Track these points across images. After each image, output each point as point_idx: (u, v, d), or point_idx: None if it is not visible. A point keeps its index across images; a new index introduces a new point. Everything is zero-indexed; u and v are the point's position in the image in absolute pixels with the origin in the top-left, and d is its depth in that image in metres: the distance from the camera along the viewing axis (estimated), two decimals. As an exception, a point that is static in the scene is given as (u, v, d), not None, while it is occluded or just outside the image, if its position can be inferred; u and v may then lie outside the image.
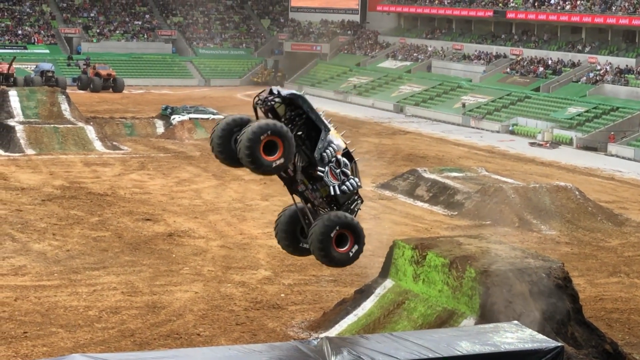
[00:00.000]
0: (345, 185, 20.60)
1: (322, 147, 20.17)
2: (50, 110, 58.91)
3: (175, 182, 46.97)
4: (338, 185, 20.42)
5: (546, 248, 35.41)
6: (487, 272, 22.96)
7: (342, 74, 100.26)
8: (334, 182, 20.39)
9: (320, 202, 20.67)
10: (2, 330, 24.78)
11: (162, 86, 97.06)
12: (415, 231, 37.75)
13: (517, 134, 72.03)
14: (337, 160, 20.39)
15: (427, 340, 17.27)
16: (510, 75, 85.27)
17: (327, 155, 20.21)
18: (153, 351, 18.48)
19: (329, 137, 20.29)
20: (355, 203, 21.25)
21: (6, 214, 38.05)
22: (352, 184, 20.71)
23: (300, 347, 16.80)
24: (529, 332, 18.25)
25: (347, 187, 20.65)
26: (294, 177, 20.42)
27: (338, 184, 20.44)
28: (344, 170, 20.49)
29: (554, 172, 54.61)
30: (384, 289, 25.74)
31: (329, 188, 20.31)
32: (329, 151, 20.23)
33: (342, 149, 20.50)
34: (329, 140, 20.31)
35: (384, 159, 56.11)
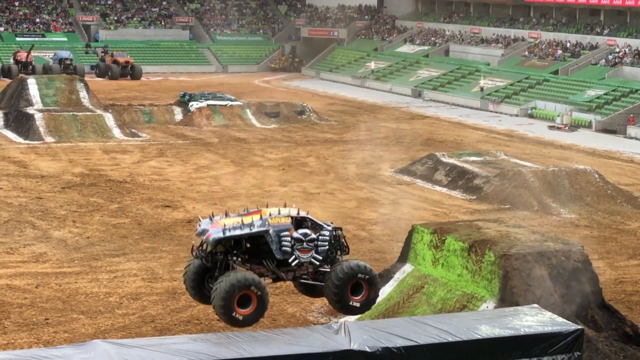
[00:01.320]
0: (319, 249, 20.92)
1: (275, 246, 20.48)
2: (69, 98, 59.10)
3: (193, 168, 47.06)
4: (314, 252, 20.72)
5: (565, 231, 35.33)
6: (507, 255, 22.93)
7: (359, 59, 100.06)
8: (308, 255, 20.75)
9: (311, 272, 20.94)
10: (24, 317, 24.95)
11: (179, 73, 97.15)
12: (434, 216, 37.73)
13: (535, 117, 71.78)
14: (295, 239, 20.67)
15: (447, 324, 17.29)
16: (528, 59, 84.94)
17: (286, 247, 20.53)
18: (174, 336, 18.56)
19: (272, 231, 20.52)
20: (337, 249, 21.49)
21: (26, 202, 38.24)
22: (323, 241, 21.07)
23: (320, 332, 16.84)
24: (548, 316, 18.25)
25: (321, 249, 20.94)
26: (278, 278, 20.78)
27: (314, 252, 20.75)
28: (309, 240, 20.79)
29: (573, 155, 54.43)
30: (403, 274, 25.76)
31: (310, 262, 20.56)
32: (285, 243, 20.56)
33: (290, 226, 20.72)
34: (276, 234, 20.59)
35: (402, 144, 56.04)
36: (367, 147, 54.73)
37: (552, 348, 17.13)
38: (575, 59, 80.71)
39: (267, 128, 61.27)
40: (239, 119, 62.27)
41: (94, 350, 15.30)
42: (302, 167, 48.24)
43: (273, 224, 20.53)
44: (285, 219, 20.72)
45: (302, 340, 16.47)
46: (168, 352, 15.54)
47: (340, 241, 21.43)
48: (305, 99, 75.15)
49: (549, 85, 77.63)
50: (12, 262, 29.94)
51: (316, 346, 16.17)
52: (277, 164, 48.85)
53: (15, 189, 40.67)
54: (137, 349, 15.56)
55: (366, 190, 43.15)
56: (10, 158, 47.68)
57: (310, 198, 40.83)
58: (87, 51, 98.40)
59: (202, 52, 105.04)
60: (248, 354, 15.73)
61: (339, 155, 51.91)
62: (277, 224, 20.59)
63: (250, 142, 55.63)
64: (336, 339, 16.38)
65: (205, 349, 15.72)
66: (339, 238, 21.44)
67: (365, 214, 38.31)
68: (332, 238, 21.11)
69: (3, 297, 26.51)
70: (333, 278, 20.24)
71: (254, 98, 72.72)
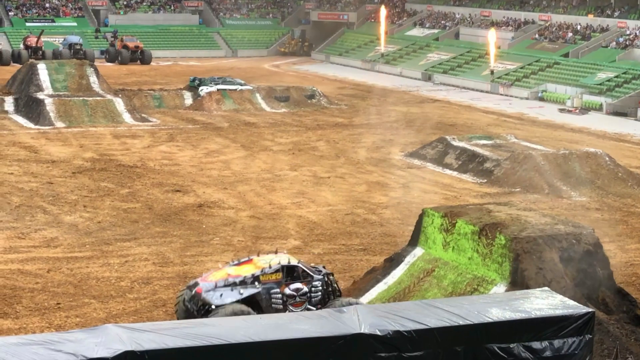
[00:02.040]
0: (312, 300, 21.19)
1: (265, 304, 20.81)
2: (79, 83, 59.15)
3: (204, 153, 47.09)
4: (308, 304, 20.90)
5: (576, 214, 35.28)
6: (517, 239, 22.93)
7: (369, 42, 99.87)
8: (301, 308, 21.08)
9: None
10: (36, 302, 25.03)
11: (189, 57, 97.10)
12: (444, 199, 37.72)
13: (546, 100, 71.63)
14: (288, 295, 20.75)
15: (458, 308, 17.29)
16: (539, 42, 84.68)
17: (277, 304, 20.78)
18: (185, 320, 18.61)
19: (262, 290, 20.64)
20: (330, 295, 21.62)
21: (37, 187, 38.32)
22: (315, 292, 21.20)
23: (331, 316, 16.86)
24: (559, 299, 18.24)
25: (315, 300, 21.27)
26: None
27: (307, 304, 20.90)
28: (301, 294, 20.89)
29: (583, 138, 54.32)
30: (414, 257, 25.76)
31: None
32: (275, 301, 20.70)
33: (281, 282, 20.81)
34: (267, 292, 20.69)
35: (413, 128, 55.98)
36: (377, 131, 54.69)
37: (563, 331, 17.13)
38: (586, 41, 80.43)
39: (277, 112, 61.25)
40: (249, 104, 62.25)
41: (105, 334, 15.35)
42: (312, 151, 48.24)
43: (264, 282, 20.71)
44: (276, 275, 20.84)
45: (312, 324, 16.50)
46: (179, 336, 15.58)
47: (332, 286, 21.58)
48: (315, 82, 75.09)
49: (560, 68, 77.42)
50: (24, 247, 30.03)
51: (327, 330, 16.20)
52: (287, 148, 48.84)
53: (26, 174, 40.76)
54: (149, 333, 15.60)
55: (376, 174, 43.13)
56: (21, 143, 47.76)
57: (320, 182, 40.84)
58: (97, 36, 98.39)
59: (211, 36, 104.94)
60: (259, 338, 15.76)
61: (349, 139, 51.88)
62: (268, 281, 20.77)
63: (260, 126, 55.62)
64: (347, 322, 16.40)
65: (216, 332, 15.76)
66: (331, 283, 21.58)
67: (375, 198, 38.31)
68: (324, 284, 21.26)
69: (15, 281, 26.60)
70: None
71: (264, 82, 72.67)
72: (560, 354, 17.07)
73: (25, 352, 14.59)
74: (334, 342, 15.94)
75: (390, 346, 16.15)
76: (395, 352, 16.19)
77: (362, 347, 16.05)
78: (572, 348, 17.16)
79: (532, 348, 16.96)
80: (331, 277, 21.90)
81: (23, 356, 14.48)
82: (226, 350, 15.40)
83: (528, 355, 16.90)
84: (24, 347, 14.81)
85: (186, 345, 15.29)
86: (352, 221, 34.49)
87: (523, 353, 16.89)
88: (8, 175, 40.34)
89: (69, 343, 15.01)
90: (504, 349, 16.81)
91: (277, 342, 15.85)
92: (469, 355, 16.62)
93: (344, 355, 16.01)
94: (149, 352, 14.96)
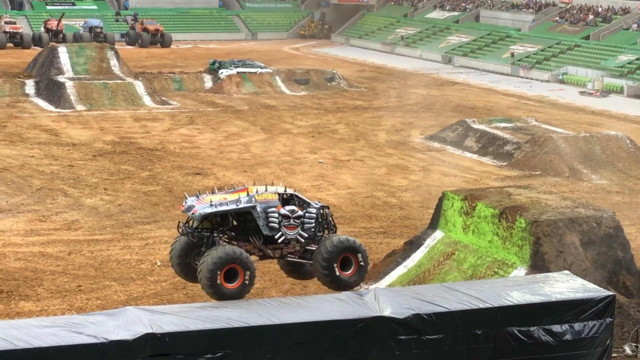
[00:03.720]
0: (305, 226, 20.96)
1: (263, 222, 20.53)
2: (99, 66, 59.28)
3: (224, 136, 47.14)
4: (300, 230, 20.78)
5: (597, 197, 35.18)
6: (538, 222, 22.88)
7: (389, 25, 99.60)
8: (294, 232, 20.83)
9: (298, 250, 21.06)
10: (57, 284, 25.16)
11: (209, 40, 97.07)
12: (464, 182, 37.65)
13: (566, 83, 71.29)
14: (282, 215, 20.70)
15: (478, 291, 17.28)
16: (559, 24, 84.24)
17: (274, 223, 20.57)
18: (205, 303, 18.64)
19: (259, 207, 20.54)
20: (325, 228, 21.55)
21: (58, 170, 38.47)
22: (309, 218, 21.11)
23: (350, 299, 16.88)
24: (580, 282, 18.21)
25: (308, 227, 20.99)
26: (265, 255, 20.92)
27: (300, 229, 20.80)
28: (296, 216, 20.84)
29: (604, 121, 54.08)
30: (434, 240, 25.75)
31: (296, 240, 20.69)
32: (272, 219, 20.59)
33: (277, 203, 20.75)
34: (263, 210, 20.59)
35: (433, 111, 55.87)
36: (397, 114, 54.60)
37: (584, 314, 17.11)
38: (607, 23, 79.97)
39: (297, 95, 61.22)
40: (269, 86, 62.25)
41: (126, 316, 15.42)
42: (332, 134, 48.21)
43: (260, 200, 20.66)
44: (273, 195, 20.83)
45: (332, 306, 16.53)
46: (199, 318, 15.64)
47: (327, 220, 21.54)
48: (334, 65, 74.99)
49: (580, 50, 77.01)
50: (45, 230, 30.17)
51: (347, 313, 16.23)
52: (307, 131, 48.83)
53: (47, 157, 40.92)
54: (169, 315, 15.66)
55: (396, 157, 43.09)
56: (42, 126, 47.92)
57: (340, 165, 40.83)
58: (117, 19, 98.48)
59: (231, 19, 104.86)
60: (278, 320, 15.81)
61: (368, 122, 51.82)
62: (264, 200, 20.72)
63: (280, 109, 55.62)
64: (367, 305, 16.42)
65: (236, 315, 15.81)
66: (327, 217, 21.55)
67: (395, 181, 38.29)
68: (319, 216, 21.23)
69: (36, 264, 26.74)
70: (322, 253, 20.38)
71: (284, 65, 72.62)
72: (580, 337, 17.05)
73: (47, 334, 14.68)
74: (354, 325, 15.98)
75: (410, 329, 16.17)
76: (415, 335, 16.21)
77: (382, 329, 16.08)
78: (592, 331, 17.14)
79: (552, 331, 16.94)
80: (327, 210, 21.91)
81: (44, 338, 14.57)
82: (246, 332, 15.45)
83: (548, 338, 16.89)
84: (45, 329, 14.90)
85: (206, 328, 15.35)
86: (372, 204, 34.48)
87: (543, 336, 16.88)
88: (29, 158, 40.51)
89: (90, 325, 15.09)
90: (524, 332, 16.80)
91: (297, 324, 15.89)
92: (489, 338, 16.62)
93: (364, 338, 16.04)
94: (170, 335, 15.02)
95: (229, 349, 15.31)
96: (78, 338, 14.69)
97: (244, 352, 15.42)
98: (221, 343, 15.30)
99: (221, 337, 15.32)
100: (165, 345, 14.95)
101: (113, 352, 14.65)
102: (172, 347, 15.01)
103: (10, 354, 14.20)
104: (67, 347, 14.51)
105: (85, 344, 14.60)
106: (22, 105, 53.93)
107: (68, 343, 14.56)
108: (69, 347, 14.52)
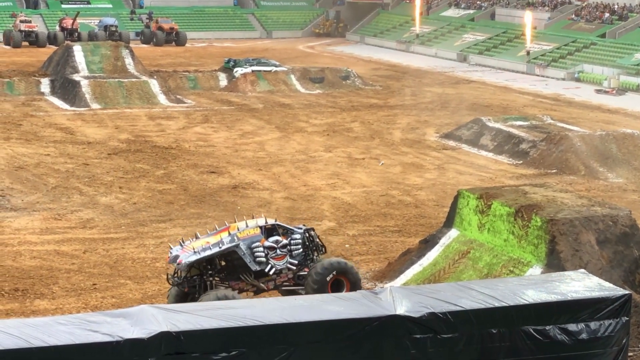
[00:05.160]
0: (293, 253, 21.21)
1: (249, 259, 20.59)
2: (114, 64, 59.41)
3: (238, 134, 47.16)
4: (289, 258, 20.87)
5: (613, 196, 35.05)
6: (554, 220, 22.80)
7: (404, 23, 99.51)
8: (283, 261, 20.92)
9: (292, 278, 21.24)
10: (72, 282, 25.20)
11: (224, 39, 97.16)
12: (479, 180, 37.57)
13: (582, 81, 71.06)
14: (268, 247, 20.77)
15: (493, 289, 17.21)
16: (575, 22, 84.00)
17: (260, 257, 20.67)
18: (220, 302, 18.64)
19: (242, 245, 20.65)
20: (314, 250, 21.62)
21: (73, 168, 38.54)
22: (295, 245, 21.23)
23: (365, 297, 16.85)
24: (596, 281, 18.11)
25: (296, 253, 21.25)
26: (259, 290, 21.25)
27: (289, 258, 20.88)
28: (281, 246, 20.91)
29: (620, 119, 53.88)
30: (449, 239, 25.69)
31: (287, 268, 20.89)
32: (258, 253, 20.68)
33: (260, 237, 20.83)
34: (247, 247, 20.65)
35: (448, 109, 55.78)
36: (412, 112, 54.54)
37: (600, 313, 17.01)
38: (623, 21, 79.70)
39: (312, 93, 61.21)
40: (284, 85, 62.27)
41: (141, 315, 15.41)
42: (347, 132, 48.18)
43: (242, 238, 20.77)
44: (254, 230, 20.94)
45: (347, 305, 16.48)
46: (214, 317, 15.62)
47: (314, 241, 21.55)
48: (349, 64, 74.95)
49: (596, 48, 76.78)
50: (60, 228, 30.23)
51: (361, 311, 16.18)
52: (322, 129, 48.81)
53: (62, 155, 41.01)
54: (184, 314, 15.65)
55: (411, 155, 43.02)
56: (57, 125, 48.04)
57: (355, 163, 40.80)
58: (132, 18, 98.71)
59: (246, 17, 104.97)
60: (293, 319, 15.77)
61: (383, 121, 51.76)
62: (247, 237, 20.82)
63: (295, 107, 55.61)
64: (381, 304, 16.37)
65: (251, 313, 15.78)
66: (313, 239, 21.55)
67: (410, 179, 38.23)
68: (305, 240, 21.26)
69: (51, 262, 26.79)
70: (311, 278, 20.44)
71: (299, 63, 72.61)
72: (596, 336, 16.96)
73: (62, 333, 14.69)
74: (369, 324, 15.93)
75: (425, 328, 16.11)
76: (430, 334, 16.15)
77: (397, 328, 16.02)
78: (608, 330, 17.04)
79: (568, 330, 16.86)
80: (312, 232, 21.90)
81: (60, 336, 14.57)
82: (261, 331, 15.42)
83: (564, 337, 16.80)
84: (61, 327, 14.90)
85: (221, 326, 15.33)
86: (387, 202, 34.44)
87: (559, 335, 16.80)
88: (44, 156, 40.60)
89: (105, 324, 15.08)
90: (540, 331, 16.72)
91: (312, 323, 15.85)
92: (505, 337, 16.56)
93: (379, 337, 15.99)
94: (185, 333, 15.01)
95: (243, 347, 15.28)
96: (93, 336, 14.68)
97: (258, 351, 15.39)
98: (236, 341, 15.27)
99: (236, 335, 15.29)
100: (181, 343, 14.93)
101: (128, 350, 14.64)
102: (187, 346, 14.99)
103: (26, 352, 14.21)
104: (82, 346, 14.50)
105: (100, 342, 14.59)
106: (38, 104, 54.08)
107: (83, 341, 14.55)
108: (84, 346, 14.51)
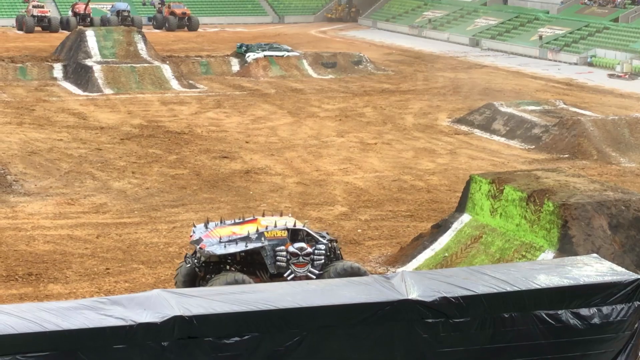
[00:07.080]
0: (315, 262, 21.20)
1: (270, 261, 20.52)
2: (127, 49, 59.46)
3: (251, 119, 47.17)
4: (310, 267, 20.86)
5: (625, 180, 35.00)
6: (566, 205, 22.80)
7: (416, 8, 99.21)
8: (304, 269, 20.92)
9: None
10: (85, 267, 25.30)
11: (236, 24, 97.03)
12: (492, 165, 37.54)
13: (595, 65, 70.82)
14: (291, 253, 20.69)
15: (505, 274, 17.23)
16: (588, 6, 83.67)
17: (281, 262, 20.56)
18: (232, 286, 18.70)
19: (267, 247, 20.55)
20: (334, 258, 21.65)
21: (86, 153, 38.64)
22: (319, 255, 21.20)
23: (377, 282, 16.88)
24: (608, 265, 18.12)
25: (317, 263, 21.23)
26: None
27: (310, 267, 20.85)
28: (305, 254, 20.86)
29: (633, 103, 53.71)
30: (461, 224, 25.71)
31: (306, 276, 20.96)
32: (280, 258, 20.58)
33: (286, 241, 20.73)
34: (272, 249, 20.59)
35: (460, 94, 55.68)
36: (424, 97, 54.47)
37: (612, 297, 17.03)
38: (636, 5, 79.34)
39: (324, 78, 61.16)
40: (296, 70, 62.22)
41: (154, 299, 15.48)
42: (359, 117, 48.15)
43: (269, 238, 20.70)
44: (282, 232, 20.84)
45: (359, 289, 16.53)
46: (227, 301, 15.67)
47: (336, 253, 21.54)
48: (362, 49, 74.85)
49: (609, 32, 76.48)
50: (73, 213, 30.33)
51: (374, 296, 16.22)
52: (334, 114, 48.79)
53: (75, 140, 41.10)
54: (197, 298, 15.71)
55: (423, 140, 43.00)
56: (70, 110, 48.13)
57: (367, 148, 40.79)
58: (145, 3, 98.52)
59: (258, 2, 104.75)
60: (306, 303, 15.82)
61: (396, 106, 51.71)
62: (273, 238, 20.75)
63: (307, 92, 55.59)
64: (394, 288, 16.40)
65: (264, 298, 15.84)
66: (335, 250, 21.54)
67: (422, 164, 38.22)
68: (327, 250, 21.23)
69: (65, 247, 26.90)
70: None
71: (311, 48, 72.51)
72: (608, 320, 16.98)
73: (76, 316, 14.77)
74: (381, 308, 15.97)
75: (437, 312, 16.15)
76: (442, 318, 16.19)
77: (409, 313, 16.06)
78: (620, 315, 17.06)
79: (580, 314, 16.88)
80: (335, 243, 21.92)
81: (74, 320, 14.66)
82: (274, 315, 15.47)
83: (576, 321, 16.83)
84: (74, 311, 14.98)
85: (234, 311, 15.38)
86: (399, 187, 34.45)
87: (571, 319, 16.82)
88: (57, 141, 40.70)
89: (118, 308, 15.16)
90: (552, 316, 16.74)
91: (324, 308, 15.90)
92: (517, 321, 16.58)
93: (391, 321, 16.03)
94: (197, 317, 15.07)
95: (256, 331, 15.35)
96: (106, 320, 14.76)
97: (271, 335, 15.45)
98: (249, 325, 15.33)
99: (249, 319, 15.35)
100: (193, 327, 15.00)
101: (141, 334, 14.72)
102: (200, 330, 15.06)
103: (40, 336, 14.30)
104: (95, 330, 14.59)
105: (114, 327, 14.67)
106: (50, 89, 54.18)
107: (96, 325, 14.64)
108: (97, 330, 14.60)
